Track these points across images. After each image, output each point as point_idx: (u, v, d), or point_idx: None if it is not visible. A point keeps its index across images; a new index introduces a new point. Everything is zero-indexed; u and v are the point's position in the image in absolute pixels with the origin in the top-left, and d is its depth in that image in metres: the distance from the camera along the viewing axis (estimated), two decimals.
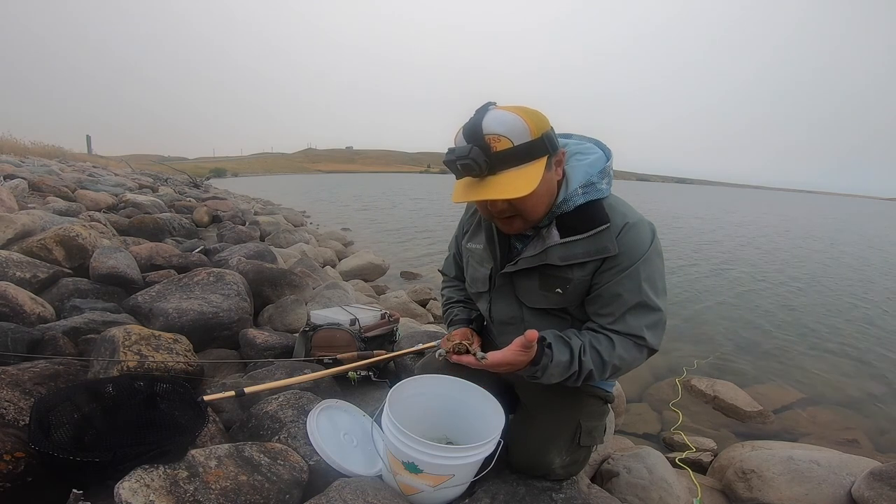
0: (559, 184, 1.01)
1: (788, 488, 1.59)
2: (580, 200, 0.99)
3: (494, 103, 0.93)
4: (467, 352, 1.03)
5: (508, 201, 0.94)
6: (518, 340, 0.93)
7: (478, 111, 0.91)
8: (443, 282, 1.49)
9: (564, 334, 1.03)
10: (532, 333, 0.90)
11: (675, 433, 2.34)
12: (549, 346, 0.99)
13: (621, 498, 1.41)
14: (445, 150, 0.94)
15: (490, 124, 0.88)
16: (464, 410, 1.19)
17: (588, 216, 0.99)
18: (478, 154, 0.87)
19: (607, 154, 1.06)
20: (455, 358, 1.04)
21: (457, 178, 0.96)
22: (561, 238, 1.00)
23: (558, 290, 1.04)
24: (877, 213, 35.85)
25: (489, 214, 1.03)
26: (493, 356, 0.97)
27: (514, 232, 1.05)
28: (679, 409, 2.64)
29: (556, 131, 1.13)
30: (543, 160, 0.92)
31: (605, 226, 0.97)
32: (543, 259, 1.02)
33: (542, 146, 0.91)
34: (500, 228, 1.08)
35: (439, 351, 1.08)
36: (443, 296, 1.46)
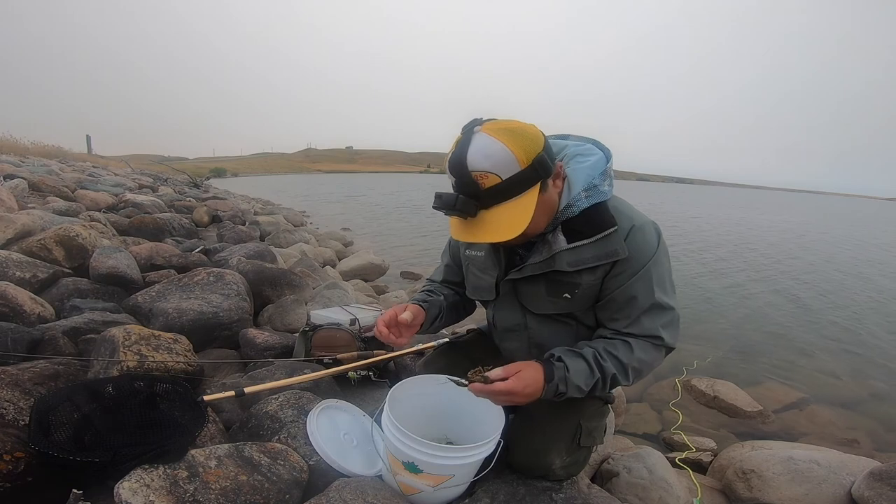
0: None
1: (788, 488, 1.59)
2: (584, 204, 0.98)
3: (480, 122, 0.88)
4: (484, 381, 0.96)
5: None
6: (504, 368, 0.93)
7: (464, 134, 0.88)
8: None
9: (573, 347, 1.03)
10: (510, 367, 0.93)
11: (675, 433, 2.34)
12: (559, 358, 0.98)
13: (621, 498, 1.41)
14: (445, 151, 0.93)
15: (475, 159, 0.84)
16: (464, 410, 1.19)
17: (594, 220, 0.98)
18: (464, 203, 0.86)
19: (607, 154, 1.04)
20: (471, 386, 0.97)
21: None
22: (568, 243, 0.98)
23: (566, 295, 1.03)
24: (876, 213, 35.82)
25: None
26: (497, 386, 0.92)
27: (516, 244, 1.05)
28: (679, 409, 2.63)
29: (554, 132, 1.10)
30: (536, 188, 0.89)
31: (613, 229, 0.96)
32: (551, 265, 1.01)
33: (534, 175, 0.87)
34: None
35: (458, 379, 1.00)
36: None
